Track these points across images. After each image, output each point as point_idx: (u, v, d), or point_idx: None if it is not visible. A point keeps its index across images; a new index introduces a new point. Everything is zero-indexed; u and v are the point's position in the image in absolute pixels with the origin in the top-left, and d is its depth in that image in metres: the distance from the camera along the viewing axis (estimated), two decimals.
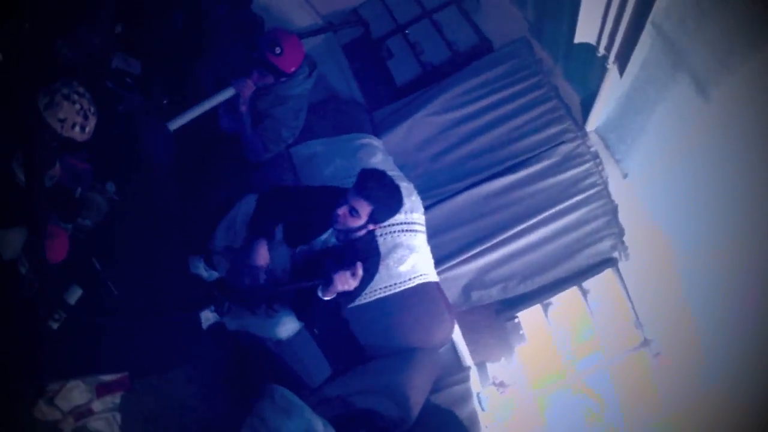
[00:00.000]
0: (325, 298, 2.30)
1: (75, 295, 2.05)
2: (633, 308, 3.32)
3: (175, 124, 2.83)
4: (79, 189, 2.29)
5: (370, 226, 2.43)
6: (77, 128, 2.18)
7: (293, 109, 3.04)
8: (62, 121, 2.12)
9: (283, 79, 2.93)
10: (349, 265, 2.23)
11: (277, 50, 2.78)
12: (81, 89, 2.20)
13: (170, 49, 3.09)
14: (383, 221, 2.49)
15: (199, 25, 3.14)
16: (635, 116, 3.27)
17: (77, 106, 2.16)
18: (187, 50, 3.10)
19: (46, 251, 1.88)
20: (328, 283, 2.25)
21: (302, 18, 4.06)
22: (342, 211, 2.33)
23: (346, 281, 2.23)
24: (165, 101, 3.06)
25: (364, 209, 2.33)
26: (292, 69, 2.89)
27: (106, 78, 2.76)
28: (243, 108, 2.89)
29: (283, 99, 3.01)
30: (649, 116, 3.12)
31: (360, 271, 2.23)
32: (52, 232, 1.98)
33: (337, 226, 2.39)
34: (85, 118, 2.20)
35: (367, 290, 2.83)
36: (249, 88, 2.85)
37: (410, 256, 3.04)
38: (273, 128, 2.98)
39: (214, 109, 2.97)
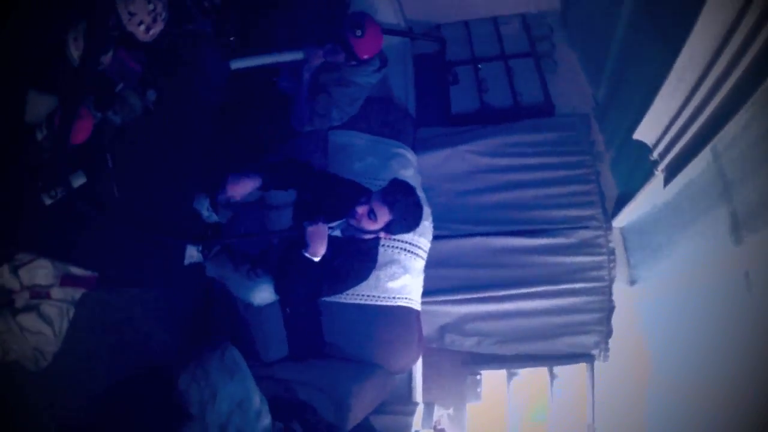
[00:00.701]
0: (306, 255, 2.28)
1: (78, 180, 2.00)
2: (593, 409, 3.27)
3: (236, 65, 2.83)
4: (122, 85, 2.26)
5: (381, 234, 2.40)
6: (143, 27, 2.16)
7: (352, 96, 3.03)
8: (132, 14, 2.10)
9: (353, 63, 2.93)
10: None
11: (359, 33, 2.79)
12: None
13: None
14: (395, 234, 2.46)
15: None
16: (664, 229, 3.26)
17: (150, 6, 2.14)
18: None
19: (69, 128, 1.85)
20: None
21: (387, 13, 4.05)
22: (362, 210, 2.30)
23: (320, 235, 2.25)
24: (232, 38, 3.04)
25: (384, 216, 2.31)
26: (366, 56, 2.90)
27: None
28: (306, 75, 2.88)
29: (347, 82, 3.00)
30: (677, 235, 3.11)
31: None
32: (81, 113, 1.95)
33: (351, 222, 2.36)
34: (154, 20, 2.18)
35: (350, 291, 2.80)
36: (318, 58, 2.85)
37: (402, 276, 3.00)
38: (325, 105, 2.97)
39: (275, 65, 2.97)
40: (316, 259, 2.32)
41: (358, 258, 2.45)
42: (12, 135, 1.85)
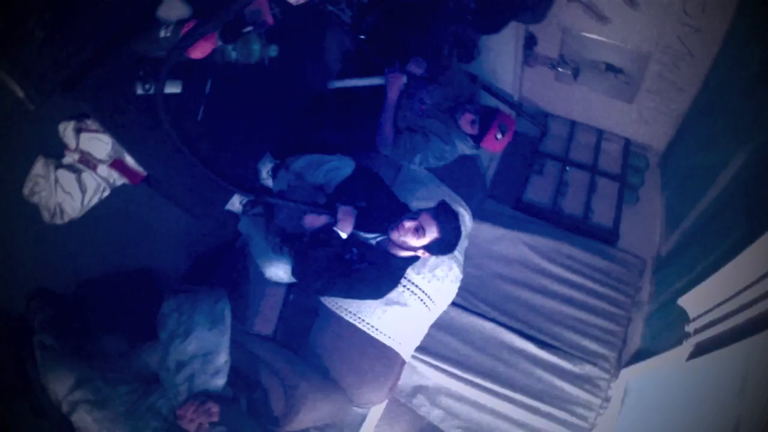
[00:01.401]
0: (336, 229, 2.34)
1: (173, 88, 2.10)
2: None
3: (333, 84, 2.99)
4: (251, 28, 2.37)
5: (420, 252, 2.40)
6: None
7: (443, 154, 3.06)
8: None
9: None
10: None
11: (499, 136, 2.87)
12: None
13: (412, 7, 3.18)
14: (433, 254, 2.45)
15: (443, 14, 3.23)
16: (666, 408, 3.14)
17: None
18: (417, 20, 3.18)
19: (192, 42, 1.95)
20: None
21: (505, 82, 4.14)
22: (410, 224, 2.31)
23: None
24: (363, 37, 3.16)
25: (432, 233, 2.31)
26: (487, 149, 2.95)
27: None
28: (390, 98, 2.94)
29: (449, 140, 3.04)
30: (677, 418, 2.99)
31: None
32: (208, 35, 2.05)
33: (393, 234, 2.37)
34: None
35: (354, 310, 2.80)
36: (397, 88, 2.91)
37: (406, 323, 2.97)
38: (415, 146, 3.00)
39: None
40: (344, 235, 2.35)
41: (383, 271, 2.44)
42: (138, 21, 1.94)
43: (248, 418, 2.44)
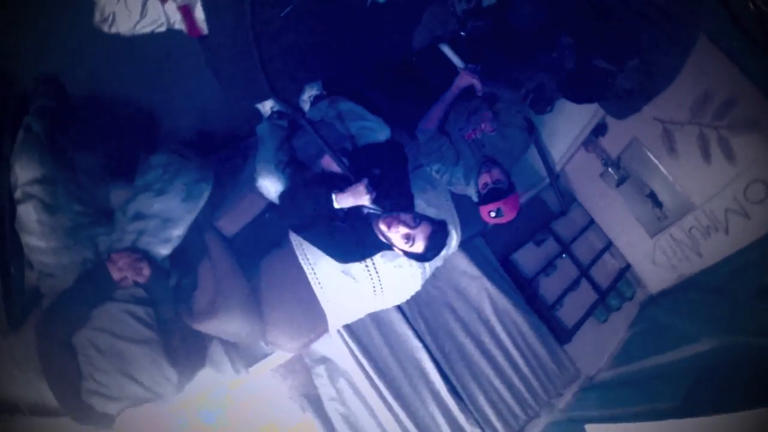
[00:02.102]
0: (333, 195, 2.32)
1: None
2: None
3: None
4: None
5: (395, 248, 2.39)
6: None
7: (457, 183, 2.98)
8: None
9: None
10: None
11: (493, 214, 2.73)
12: None
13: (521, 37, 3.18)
14: (405, 256, 2.44)
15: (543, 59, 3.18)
16: None
17: None
18: (517, 50, 3.16)
19: None
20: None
21: (557, 147, 4.11)
22: (404, 228, 2.29)
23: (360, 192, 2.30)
24: (463, 33, 3.14)
25: (417, 246, 2.30)
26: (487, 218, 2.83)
27: None
28: (451, 92, 2.91)
29: (467, 177, 2.95)
30: None
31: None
32: None
33: (383, 223, 2.34)
34: None
35: (313, 258, 2.84)
36: (464, 81, 2.89)
37: (349, 294, 2.96)
38: (443, 154, 2.93)
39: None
40: (336, 205, 2.34)
41: (357, 241, 2.45)
42: None
43: (169, 297, 2.46)
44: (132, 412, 2.34)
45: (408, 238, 2.29)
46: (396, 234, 2.31)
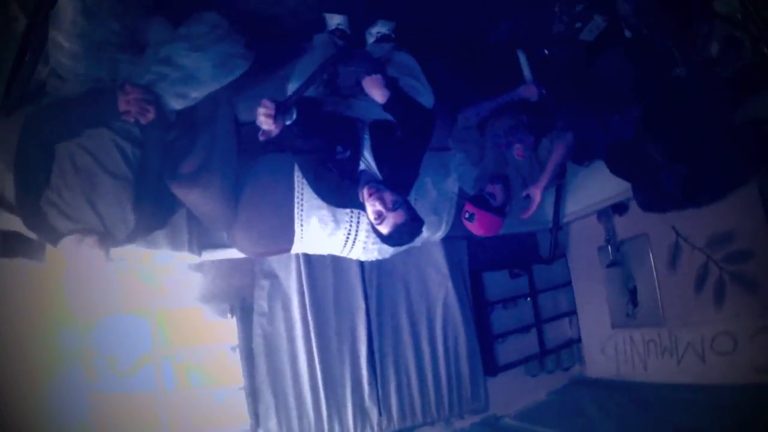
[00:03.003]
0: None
1: None
2: None
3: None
4: None
5: (364, 197, 2.36)
6: None
7: (466, 182, 3.05)
8: None
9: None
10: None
11: (467, 215, 2.77)
12: None
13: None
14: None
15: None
16: None
17: None
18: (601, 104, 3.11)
19: None
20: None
21: (573, 200, 4.04)
22: (380, 206, 2.26)
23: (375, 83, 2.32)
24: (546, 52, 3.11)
25: (384, 226, 2.30)
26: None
27: None
28: (510, 97, 2.92)
29: (478, 179, 3.02)
30: None
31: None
32: None
33: (365, 191, 2.33)
34: None
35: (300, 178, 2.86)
36: (521, 93, 2.89)
37: (323, 229, 3.00)
38: (471, 148, 2.96)
39: None
40: (377, 97, 2.34)
41: (348, 189, 2.45)
42: None
43: (160, 148, 2.45)
44: (76, 241, 2.28)
45: (379, 215, 2.28)
46: (371, 206, 2.30)
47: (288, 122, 2.22)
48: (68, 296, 2.76)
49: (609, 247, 4.19)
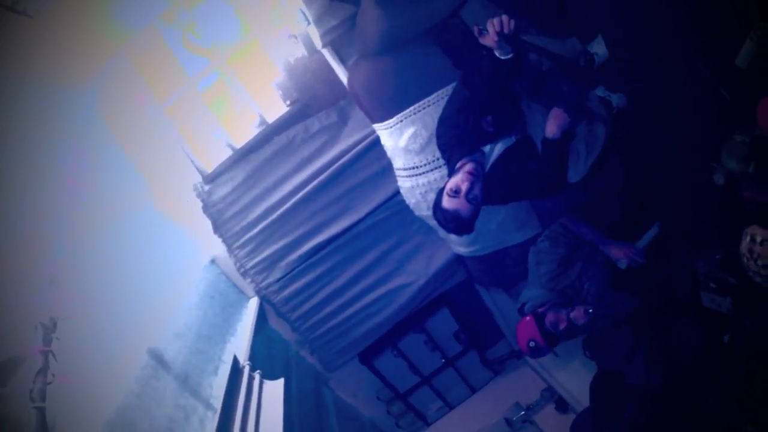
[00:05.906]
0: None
1: None
2: None
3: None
4: None
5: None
6: None
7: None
8: None
9: None
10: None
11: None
12: None
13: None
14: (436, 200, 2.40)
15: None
16: None
17: None
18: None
19: None
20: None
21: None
22: (474, 184, 2.24)
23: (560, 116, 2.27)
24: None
25: (450, 202, 2.26)
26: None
27: None
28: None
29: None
30: None
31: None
32: None
33: (468, 162, 2.30)
34: None
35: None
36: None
37: (417, 142, 3.04)
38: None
39: None
40: (548, 129, 2.28)
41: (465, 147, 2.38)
42: None
43: None
44: None
45: (456, 191, 2.24)
46: (459, 178, 2.25)
47: (500, 54, 2.11)
48: None
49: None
